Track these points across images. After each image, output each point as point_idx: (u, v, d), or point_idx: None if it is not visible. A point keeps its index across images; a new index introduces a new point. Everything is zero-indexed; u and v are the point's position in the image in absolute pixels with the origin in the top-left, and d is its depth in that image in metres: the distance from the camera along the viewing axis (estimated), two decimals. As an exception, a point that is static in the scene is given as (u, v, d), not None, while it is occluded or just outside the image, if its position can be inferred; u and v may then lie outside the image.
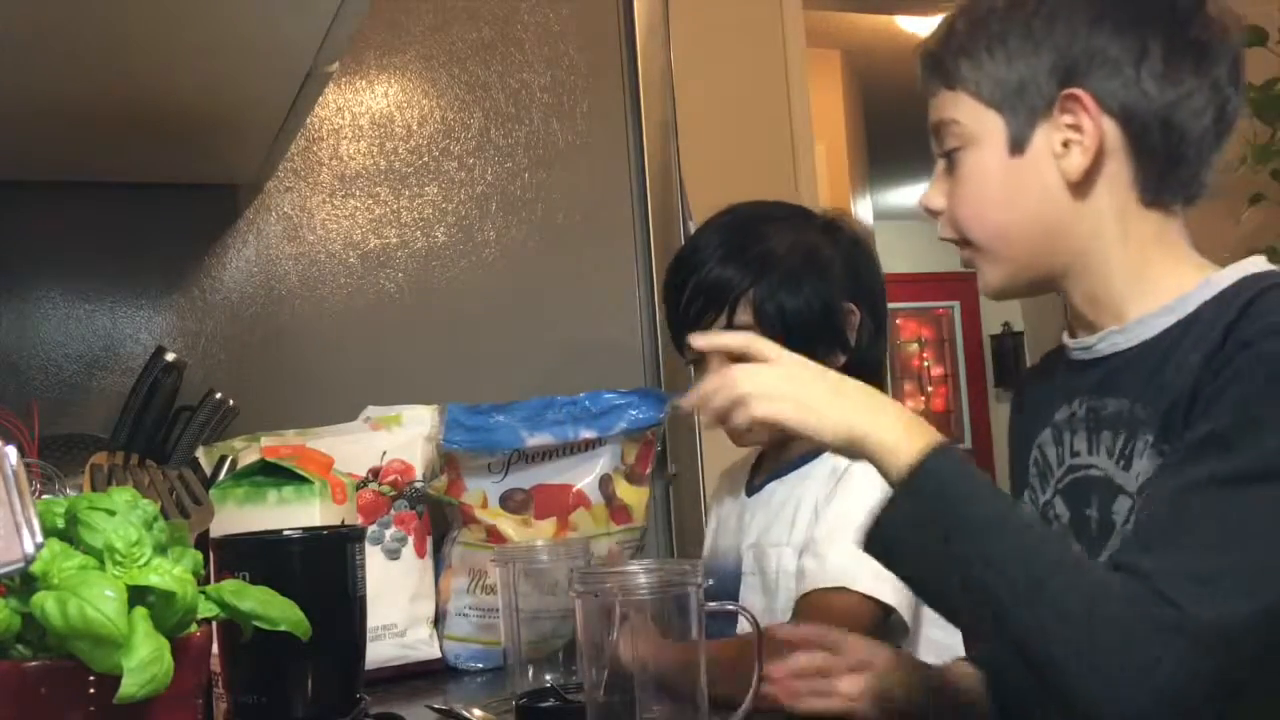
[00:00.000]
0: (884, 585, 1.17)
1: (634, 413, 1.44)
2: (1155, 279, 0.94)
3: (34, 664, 0.68)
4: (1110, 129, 0.93)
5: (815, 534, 1.25)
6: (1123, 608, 0.79)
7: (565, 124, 1.75)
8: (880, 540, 0.91)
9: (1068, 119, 0.93)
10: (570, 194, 1.74)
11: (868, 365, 1.35)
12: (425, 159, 1.68)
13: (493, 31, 1.72)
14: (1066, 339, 1.01)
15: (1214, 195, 1.01)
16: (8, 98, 1.16)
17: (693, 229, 1.75)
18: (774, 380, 0.93)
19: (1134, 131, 0.93)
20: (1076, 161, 0.93)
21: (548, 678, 1.14)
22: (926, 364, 8.62)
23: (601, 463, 1.44)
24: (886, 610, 1.19)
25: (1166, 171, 0.94)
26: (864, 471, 1.21)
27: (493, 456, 1.40)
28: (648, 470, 1.48)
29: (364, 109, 1.66)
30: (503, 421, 1.40)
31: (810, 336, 1.30)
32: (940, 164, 1.01)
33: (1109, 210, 0.94)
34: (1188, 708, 0.77)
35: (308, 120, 1.55)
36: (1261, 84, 2.32)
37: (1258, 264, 0.94)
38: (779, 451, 1.39)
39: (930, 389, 8.63)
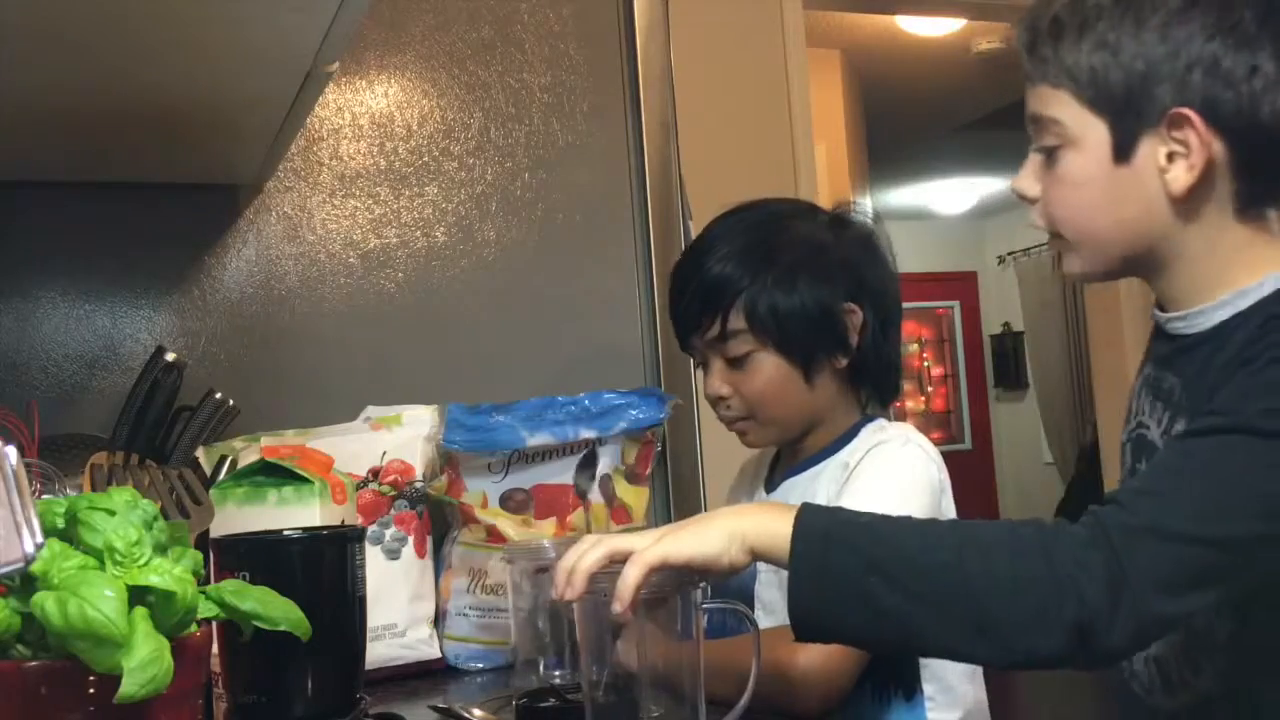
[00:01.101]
0: None
1: (634, 413, 1.44)
2: (1229, 283, 0.97)
3: (34, 664, 0.68)
4: (1218, 146, 0.93)
5: None
6: (1039, 535, 0.84)
7: (565, 124, 1.75)
8: (805, 615, 0.88)
9: (1176, 133, 0.93)
10: (570, 194, 1.74)
11: (872, 366, 1.34)
12: (425, 159, 1.68)
13: (493, 31, 1.72)
14: (1157, 313, 1.05)
15: None
16: (7, 98, 1.16)
17: (693, 229, 1.75)
18: (648, 538, 0.90)
19: (1241, 148, 0.93)
20: (1182, 178, 0.94)
21: (556, 674, 1.14)
22: (926, 364, 8.63)
23: (602, 463, 1.44)
24: None
25: (1269, 186, 0.96)
26: (870, 466, 1.23)
27: (493, 456, 1.40)
28: (648, 470, 1.48)
29: (364, 109, 1.66)
30: (503, 421, 1.40)
31: (807, 338, 1.30)
32: (1036, 154, 1.02)
33: (1205, 224, 0.96)
34: (1122, 608, 0.81)
35: (308, 120, 1.55)
36: (1261, 84, 2.32)
37: None
38: (795, 448, 1.38)
39: (930, 389, 8.63)
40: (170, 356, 1.38)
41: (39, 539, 0.62)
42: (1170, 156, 0.94)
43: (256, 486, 1.20)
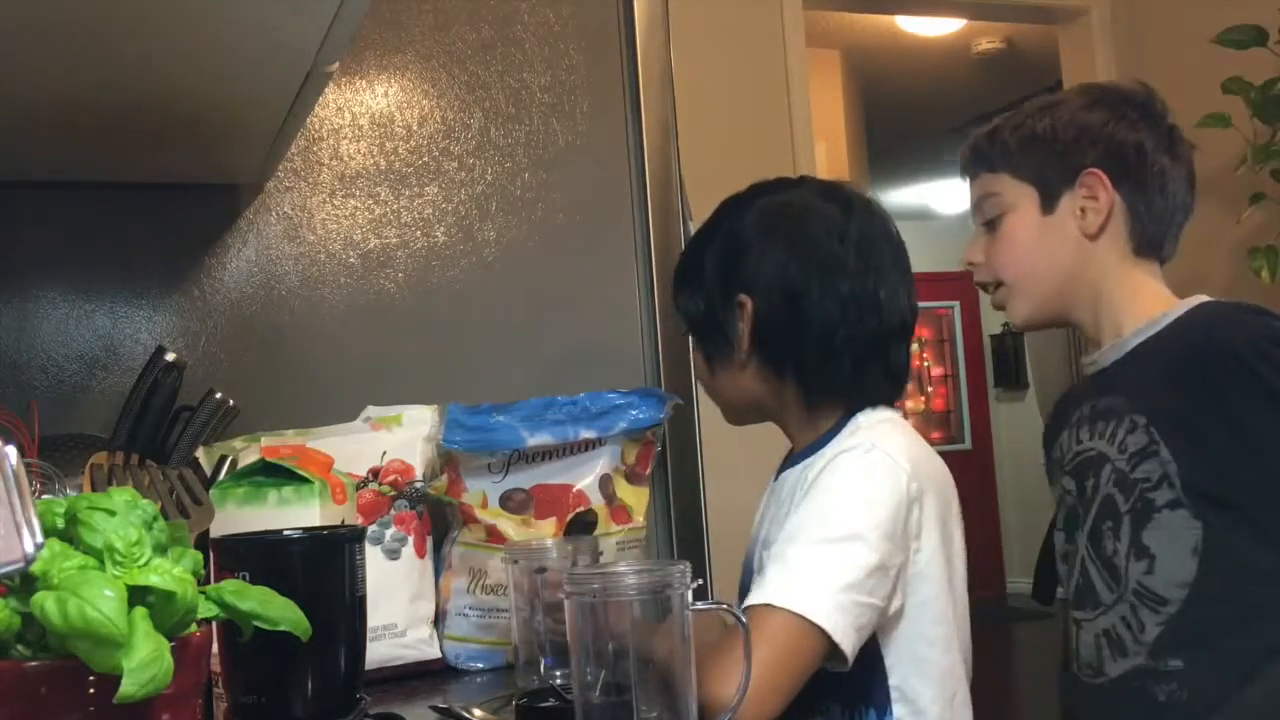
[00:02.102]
0: (817, 605, 1.09)
1: (634, 413, 1.44)
2: (1141, 309, 1.31)
3: (34, 664, 0.68)
4: (1116, 198, 1.32)
5: (778, 534, 1.19)
6: None
7: (565, 124, 1.75)
8: None
9: (1085, 191, 1.33)
10: (570, 194, 1.74)
11: (792, 355, 1.26)
12: (425, 159, 1.68)
13: (493, 31, 1.72)
14: (1083, 360, 1.39)
15: (1214, 195, 1.16)
16: (7, 98, 1.16)
17: (693, 229, 1.75)
18: None
19: (1132, 200, 1.33)
20: (1093, 220, 1.33)
21: (558, 674, 1.14)
22: (926, 364, 8.62)
23: (601, 463, 1.44)
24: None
25: (1152, 230, 1.33)
26: (826, 479, 1.19)
27: (493, 457, 1.40)
28: (648, 470, 1.48)
29: (364, 109, 1.66)
30: (503, 421, 1.40)
31: (699, 330, 1.35)
32: (980, 230, 1.40)
33: (1111, 257, 1.33)
34: None
35: (308, 120, 1.55)
36: (1261, 84, 2.32)
37: (1200, 299, 1.31)
38: (793, 443, 1.34)
39: (930, 389, 8.62)
40: (170, 356, 1.38)
41: (39, 539, 0.62)
42: (1083, 210, 1.33)
43: (256, 486, 1.20)
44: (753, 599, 1.11)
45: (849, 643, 1.09)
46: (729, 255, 1.29)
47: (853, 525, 1.14)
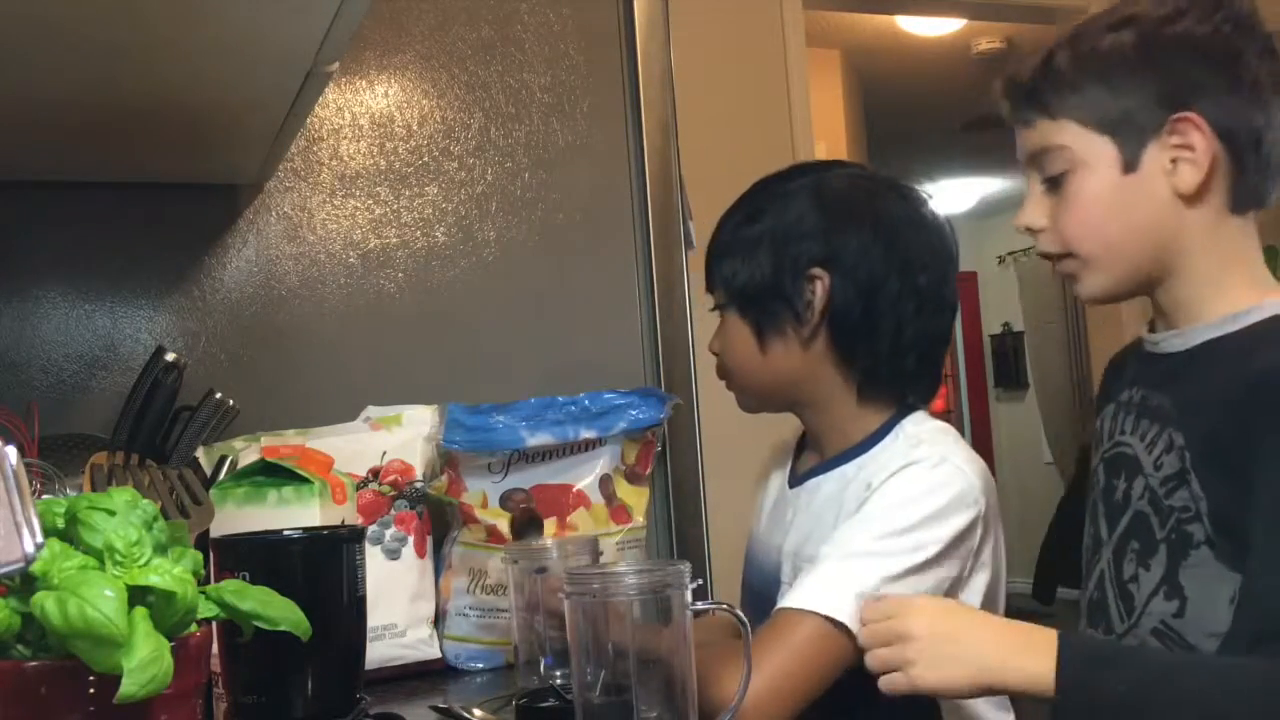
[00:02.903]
0: (845, 606, 1.07)
1: (634, 413, 1.44)
2: (1228, 288, 1.07)
3: (34, 664, 0.68)
4: (1217, 147, 1.05)
5: (823, 549, 1.16)
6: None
7: (565, 124, 1.75)
8: None
9: (1176, 139, 1.05)
10: (570, 194, 1.74)
11: (859, 345, 1.23)
12: (425, 159, 1.68)
13: (493, 31, 1.72)
14: (1144, 332, 1.15)
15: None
16: (7, 98, 1.16)
17: (693, 229, 1.75)
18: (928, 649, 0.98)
19: (1234, 150, 1.05)
20: (1189, 177, 1.05)
21: (558, 674, 1.14)
22: (926, 364, 8.63)
23: (601, 463, 1.44)
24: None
25: (1255, 184, 1.07)
26: (895, 491, 1.16)
27: (493, 456, 1.40)
28: (648, 470, 1.48)
29: (364, 109, 1.66)
30: (503, 421, 1.40)
31: (756, 299, 1.25)
32: (1038, 187, 1.13)
33: (1208, 219, 1.07)
34: None
35: (308, 120, 1.55)
36: (1261, 84, 2.32)
37: None
38: (818, 442, 1.31)
39: (930, 389, 8.63)
40: (170, 356, 1.38)
41: (39, 539, 0.61)
42: (1174, 161, 1.05)
43: (256, 486, 1.20)
44: (785, 602, 1.11)
45: None
46: (798, 227, 1.23)
47: (919, 539, 1.12)
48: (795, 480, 1.33)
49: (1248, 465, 0.96)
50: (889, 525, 1.12)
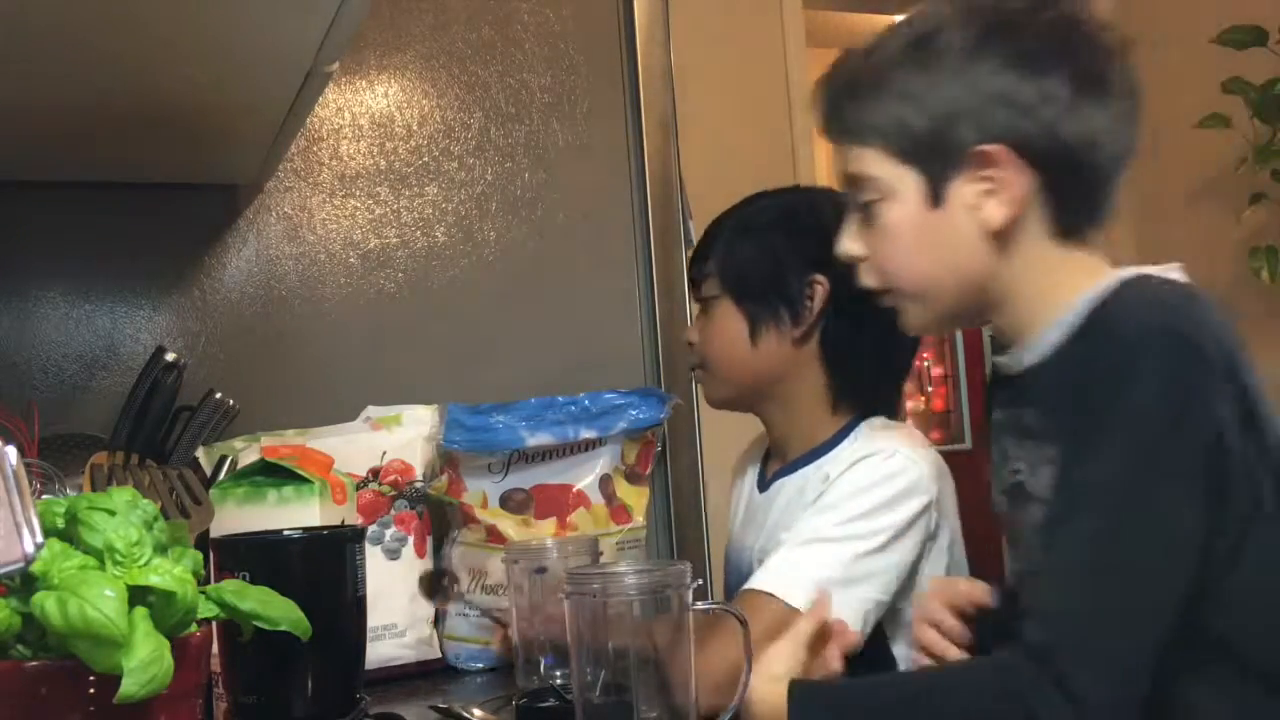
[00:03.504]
0: (805, 593, 1.12)
1: (634, 413, 1.44)
2: (1056, 305, 0.94)
3: (34, 664, 0.68)
4: (1028, 177, 0.93)
5: (782, 535, 1.22)
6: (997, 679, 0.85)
7: (565, 124, 1.75)
8: None
9: (984, 171, 0.93)
10: (570, 194, 1.74)
11: (843, 351, 1.27)
12: (425, 159, 1.68)
13: (493, 31, 1.72)
14: (995, 358, 1.04)
15: (1214, 195, 1.03)
16: (7, 98, 1.16)
17: (693, 229, 1.75)
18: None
19: (1050, 175, 0.93)
20: (996, 214, 0.93)
21: (558, 674, 1.14)
22: (927, 364, 8.62)
23: (601, 463, 1.44)
24: None
25: (1081, 207, 0.95)
26: (849, 481, 1.19)
27: (493, 456, 1.40)
28: (648, 470, 1.48)
29: (364, 109, 1.66)
30: (503, 422, 1.40)
31: (755, 292, 1.27)
32: (856, 213, 1.02)
33: (1028, 253, 0.95)
34: None
35: (308, 120, 1.55)
36: (1261, 84, 2.32)
37: (1125, 273, 0.94)
38: (782, 445, 1.34)
39: (930, 389, 8.62)
40: (170, 356, 1.38)
41: (39, 539, 0.62)
42: (985, 194, 0.93)
43: (256, 486, 1.20)
44: (752, 583, 1.16)
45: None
46: (805, 231, 1.26)
47: (873, 525, 1.17)
48: (764, 484, 1.37)
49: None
50: (845, 513, 1.17)
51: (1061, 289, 0.94)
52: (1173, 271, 0.95)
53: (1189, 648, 0.84)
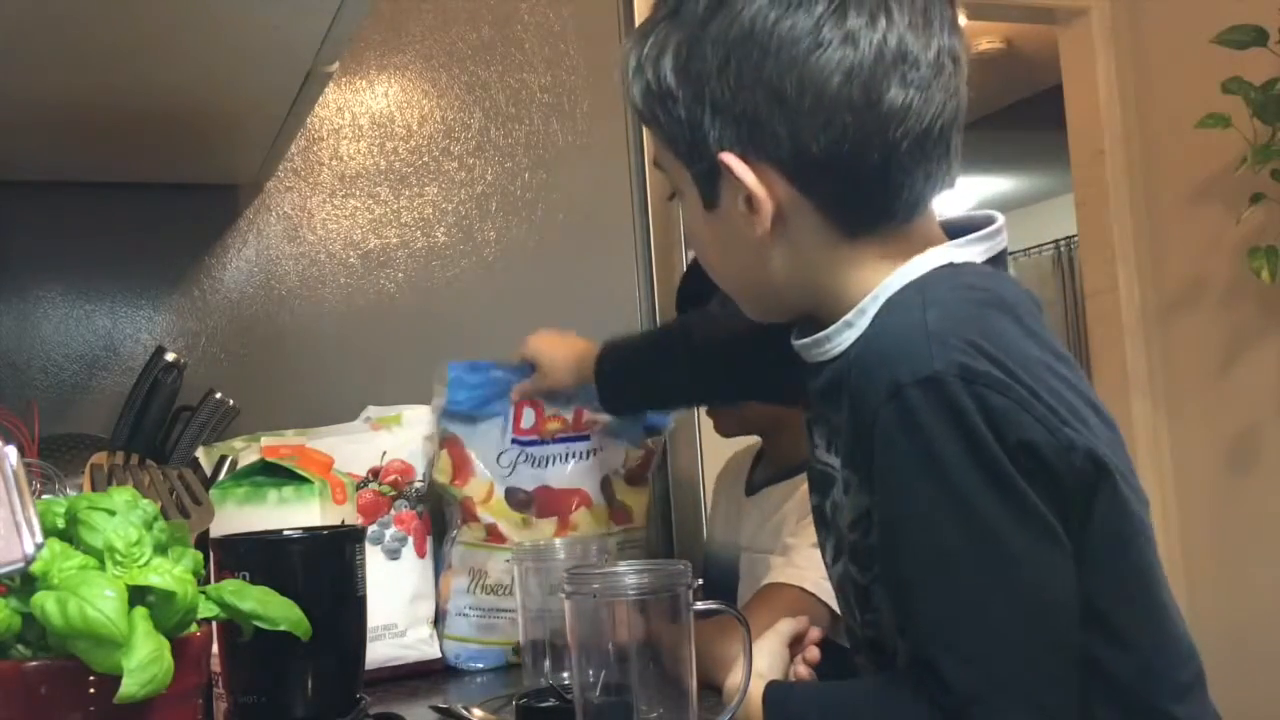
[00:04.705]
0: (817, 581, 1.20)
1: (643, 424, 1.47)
2: (853, 302, 0.86)
3: (34, 664, 0.68)
4: (780, 186, 0.84)
5: (789, 540, 1.30)
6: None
7: (565, 124, 1.75)
8: None
9: (734, 179, 0.84)
10: (570, 194, 1.74)
11: None
12: (425, 159, 1.68)
13: (493, 31, 1.72)
14: (791, 338, 0.94)
15: (1214, 195, 1.00)
16: (8, 98, 1.16)
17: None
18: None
19: (804, 185, 0.84)
20: (755, 222, 0.85)
21: (564, 675, 1.14)
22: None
23: (602, 464, 1.44)
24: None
25: (864, 212, 0.86)
26: None
27: (503, 440, 1.40)
28: (647, 472, 1.48)
29: (364, 109, 1.66)
30: (502, 376, 1.41)
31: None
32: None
33: (809, 257, 0.87)
34: None
35: (308, 120, 1.55)
36: (1261, 84, 2.32)
37: (913, 270, 0.85)
38: (775, 453, 1.41)
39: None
40: (170, 356, 1.38)
41: (39, 539, 0.61)
42: (749, 201, 0.84)
43: (256, 486, 1.20)
44: (775, 578, 1.25)
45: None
46: None
47: None
48: (751, 488, 1.45)
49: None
50: None
51: (858, 287, 0.86)
52: (978, 241, 0.88)
53: (1092, 679, 0.78)
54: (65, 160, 1.43)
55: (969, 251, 0.88)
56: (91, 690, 0.67)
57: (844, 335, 0.86)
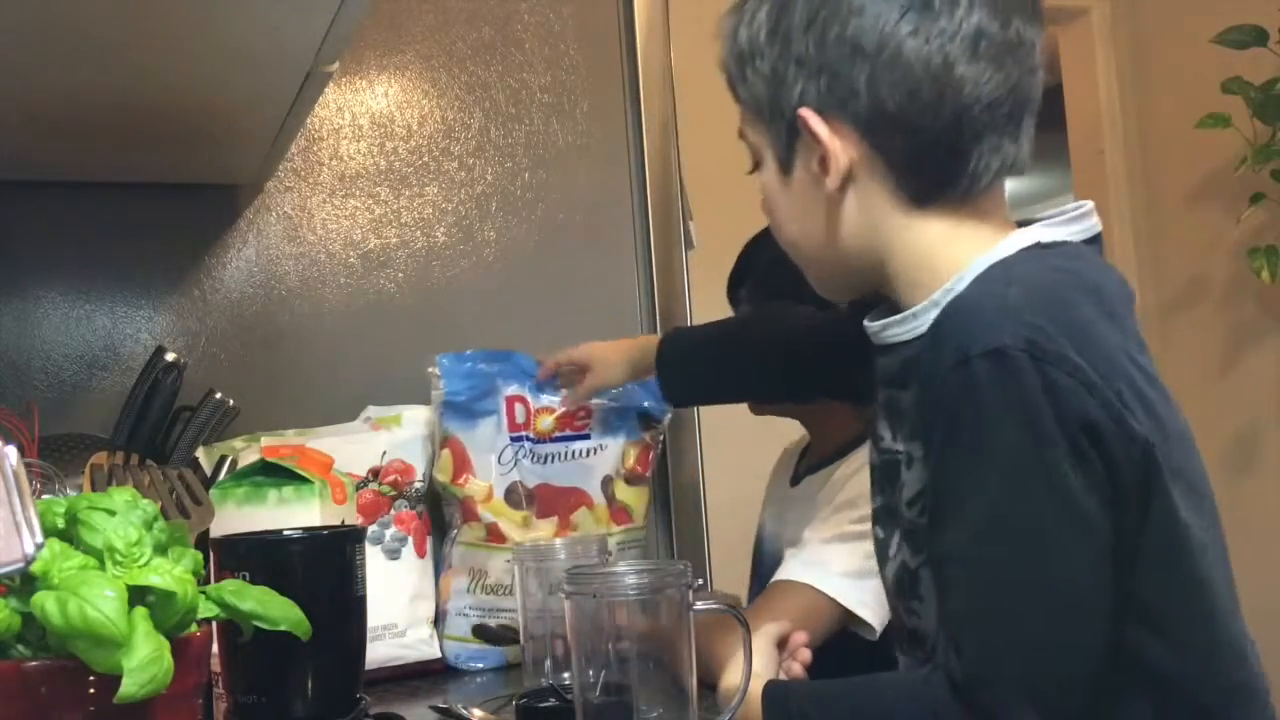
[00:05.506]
0: (847, 588, 1.23)
1: (644, 403, 1.47)
2: (938, 277, 0.87)
3: (34, 664, 0.68)
4: (853, 144, 0.87)
5: (806, 534, 1.33)
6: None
7: (565, 124, 1.75)
8: None
9: (811, 139, 0.88)
10: (570, 194, 1.74)
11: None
12: (425, 159, 1.68)
13: (493, 31, 1.72)
14: (866, 321, 0.95)
15: (1214, 195, 1.01)
16: (7, 98, 1.16)
17: (693, 229, 1.76)
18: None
19: (877, 142, 0.86)
20: (828, 181, 0.88)
21: (565, 676, 1.14)
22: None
23: (602, 464, 1.44)
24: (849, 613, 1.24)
25: (927, 175, 0.87)
26: (856, 486, 1.27)
27: (499, 436, 1.40)
28: (648, 471, 1.48)
29: (364, 109, 1.66)
30: (485, 369, 1.42)
31: (775, 281, 1.32)
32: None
33: (877, 221, 0.89)
34: None
35: (308, 120, 1.55)
36: (1261, 84, 2.32)
37: (1002, 250, 0.85)
38: (818, 443, 1.48)
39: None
40: (170, 356, 1.38)
41: (39, 539, 0.62)
42: (822, 162, 0.88)
43: (256, 486, 1.20)
44: (786, 574, 1.27)
45: (868, 612, 1.23)
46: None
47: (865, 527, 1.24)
48: (795, 479, 1.51)
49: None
50: (861, 510, 1.22)
51: (944, 260, 0.87)
52: (1067, 223, 0.88)
53: (1117, 672, 0.78)
54: (65, 160, 1.43)
55: (1058, 232, 0.88)
56: (91, 690, 0.67)
57: (929, 315, 0.86)
